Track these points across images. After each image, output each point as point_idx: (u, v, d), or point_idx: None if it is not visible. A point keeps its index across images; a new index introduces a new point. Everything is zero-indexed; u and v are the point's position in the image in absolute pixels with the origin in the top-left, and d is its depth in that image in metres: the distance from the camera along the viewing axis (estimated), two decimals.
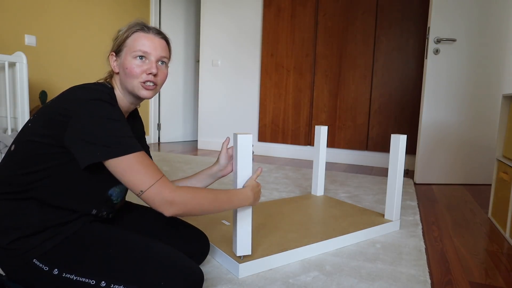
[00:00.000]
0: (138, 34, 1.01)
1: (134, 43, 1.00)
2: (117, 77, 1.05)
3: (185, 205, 0.90)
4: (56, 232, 0.92)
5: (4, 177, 0.92)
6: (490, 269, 1.38)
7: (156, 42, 1.02)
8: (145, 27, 1.03)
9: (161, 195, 0.87)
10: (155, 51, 1.01)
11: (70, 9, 3.51)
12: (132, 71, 0.99)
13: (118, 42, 1.03)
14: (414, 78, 3.40)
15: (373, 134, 3.57)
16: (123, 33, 1.03)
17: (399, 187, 1.70)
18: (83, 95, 0.90)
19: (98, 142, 0.86)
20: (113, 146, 0.86)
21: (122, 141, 0.88)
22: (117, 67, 1.03)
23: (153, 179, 0.87)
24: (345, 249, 1.48)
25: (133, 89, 1.01)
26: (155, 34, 1.03)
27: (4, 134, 2.35)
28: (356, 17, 3.53)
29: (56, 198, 0.93)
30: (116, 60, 1.04)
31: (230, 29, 4.12)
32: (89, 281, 0.88)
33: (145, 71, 1.00)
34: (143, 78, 1.00)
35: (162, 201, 0.87)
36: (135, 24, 1.03)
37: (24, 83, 2.49)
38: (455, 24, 2.75)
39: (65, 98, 0.92)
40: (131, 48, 1.00)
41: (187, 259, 0.96)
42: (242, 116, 4.14)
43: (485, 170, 2.89)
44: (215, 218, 1.64)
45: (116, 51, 1.03)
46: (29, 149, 0.91)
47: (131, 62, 1.00)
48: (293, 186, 2.56)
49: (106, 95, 0.92)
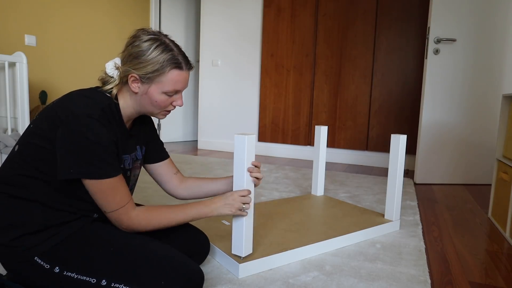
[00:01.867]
0: (175, 73, 0.98)
1: (170, 83, 0.98)
2: (133, 94, 1.01)
3: (140, 229, 0.98)
4: (58, 231, 0.93)
5: (8, 177, 0.93)
6: (490, 269, 1.38)
7: (188, 78, 1.03)
8: (181, 62, 0.99)
9: (119, 221, 0.95)
10: (185, 86, 1.03)
11: (70, 9, 3.51)
12: (161, 104, 1.01)
13: (148, 70, 0.96)
14: (414, 78, 3.40)
15: (373, 134, 3.57)
16: (155, 63, 0.95)
17: (399, 187, 1.70)
18: (77, 108, 0.89)
19: (77, 161, 0.87)
20: (90, 168, 0.88)
21: (99, 165, 0.89)
22: (138, 90, 0.99)
23: (116, 206, 0.93)
24: (345, 249, 1.47)
25: (152, 113, 1.04)
26: (188, 70, 1.02)
27: (4, 134, 2.34)
28: (356, 17, 3.53)
29: (57, 199, 0.93)
30: (138, 82, 0.98)
31: (230, 29, 4.12)
32: (89, 279, 0.89)
33: (171, 103, 1.03)
34: (167, 108, 1.04)
35: (119, 225, 0.96)
36: (172, 58, 0.97)
37: (24, 83, 2.49)
38: (455, 24, 2.75)
39: (61, 104, 0.92)
40: (165, 85, 0.98)
41: (187, 259, 0.97)
42: (242, 116, 4.14)
43: (485, 170, 2.89)
44: (215, 218, 1.65)
45: (142, 77, 0.97)
46: (30, 151, 0.92)
47: (161, 97, 1.00)
48: (293, 186, 2.56)
49: (100, 111, 0.91)
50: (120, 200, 0.93)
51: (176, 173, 1.25)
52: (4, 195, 0.93)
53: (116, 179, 0.92)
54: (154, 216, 0.99)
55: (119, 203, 0.93)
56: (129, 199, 0.96)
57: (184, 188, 1.24)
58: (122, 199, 0.94)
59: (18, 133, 2.45)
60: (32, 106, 3.16)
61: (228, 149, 4.25)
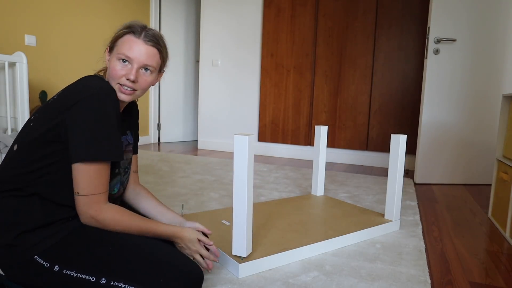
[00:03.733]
0: (128, 37, 1.01)
1: (121, 46, 1.01)
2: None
3: (104, 226, 0.94)
4: (57, 229, 0.94)
5: (8, 176, 0.94)
6: (490, 269, 1.38)
7: (143, 49, 1.00)
8: (138, 30, 1.01)
9: (86, 208, 0.92)
10: (139, 58, 1.00)
11: (70, 9, 3.51)
12: (112, 72, 1.01)
13: (112, 39, 1.04)
14: (414, 78, 3.40)
15: (373, 134, 3.57)
16: (118, 31, 1.04)
17: (399, 187, 1.70)
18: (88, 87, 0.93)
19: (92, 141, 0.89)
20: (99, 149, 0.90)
21: (106, 145, 0.91)
22: (108, 61, 1.05)
23: (92, 191, 0.92)
24: (345, 249, 1.47)
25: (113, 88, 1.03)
26: (145, 41, 1.01)
27: (4, 134, 2.35)
28: (356, 17, 3.53)
29: (57, 194, 0.94)
30: (109, 53, 1.06)
31: (230, 29, 4.12)
32: (89, 277, 0.89)
33: (124, 76, 1.00)
34: (121, 81, 1.01)
35: (84, 212, 0.93)
36: (130, 26, 1.03)
37: (24, 83, 2.49)
38: (455, 24, 2.75)
39: (66, 91, 0.95)
40: (118, 50, 1.01)
41: (187, 259, 0.97)
42: (242, 116, 4.14)
43: (485, 170, 2.89)
44: (215, 218, 1.65)
45: (110, 47, 1.05)
46: (32, 147, 0.92)
47: (115, 63, 1.01)
48: (293, 186, 2.56)
49: (112, 89, 0.96)
50: (99, 185, 0.92)
51: (135, 171, 1.24)
52: (4, 194, 0.94)
53: (106, 165, 0.94)
54: (125, 219, 0.96)
55: (96, 188, 0.92)
56: (105, 190, 0.95)
57: (133, 191, 1.21)
58: (100, 185, 0.93)
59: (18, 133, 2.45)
60: (32, 106, 3.16)
61: (228, 149, 4.25)
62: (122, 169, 1.11)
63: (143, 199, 1.20)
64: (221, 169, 3.07)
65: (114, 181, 1.07)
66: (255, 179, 2.74)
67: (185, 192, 2.26)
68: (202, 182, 2.55)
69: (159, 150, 4.09)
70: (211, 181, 2.59)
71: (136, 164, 1.24)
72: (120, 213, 0.96)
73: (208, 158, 3.59)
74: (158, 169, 2.96)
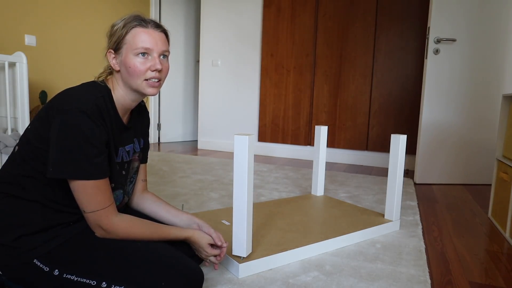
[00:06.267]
0: (137, 30, 0.97)
1: (134, 40, 0.96)
2: (118, 75, 1.01)
3: (118, 237, 0.95)
4: (58, 233, 0.93)
5: (9, 177, 0.93)
6: (490, 269, 1.38)
7: (157, 37, 0.99)
8: (143, 21, 0.99)
9: (98, 223, 0.92)
10: (157, 46, 0.98)
11: (70, 9, 3.50)
12: (136, 69, 0.96)
13: (116, 38, 0.98)
14: (414, 78, 3.40)
15: (373, 134, 3.57)
16: (120, 28, 0.98)
17: (399, 187, 1.70)
18: (68, 104, 0.89)
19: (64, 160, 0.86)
20: (76, 168, 0.87)
21: (85, 166, 0.88)
22: (118, 65, 0.99)
23: (97, 207, 0.91)
24: (345, 249, 1.47)
25: (138, 87, 0.99)
26: (155, 28, 0.99)
27: (4, 134, 2.34)
28: (356, 17, 3.53)
29: (56, 200, 0.93)
30: (115, 58, 0.99)
31: (230, 29, 4.12)
32: (90, 281, 0.88)
33: (149, 68, 0.98)
34: (147, 75, 0.98)
35: (96, 228, 0.93)
36: (133, 19, 0.98)
37: (24, 83, 2.49)
38: (455, 24, 2.75)
39: (53, 102, 0.92)
40: (132, 46, 0.96)
41: (188, 259, 0.96)
42: (242, 116, 4.14)
43: (485, 170, 2.89)
44: (215, 218, 1.64)
45: (114, 48, 0.99)
46: (29, 151, 0.92)
47: (134, 60, 0.96)
48: (293, 186, 2.56)
49: (92, 106, 0.90)
50: (102, 201, 0.91)
51: (144, 180, 1.21)
52: (4, 195, 0.93)
53: (102, 181, 0.91)
54: (137, 229, 0.97)
55: (100, 204, 0.91)
56: (111, 202, 0.94)
57: (141, 197, 1.20)
58: (104, 200, 0.91)
59: (18, 133, 2.45)
60: (32, 106, 3.16)
61: (228, 149, 4.25)
62: (127, 179, 1.10)
63: (153, 204, 1.18)
64: (221, 169, 3.07)
65: (116, 193, 1.04)
66: (255, 179, 2.74)
67: (185, 192, 2.26)
68: (202, 182, 2.55)
69: (159, 150, 4.09)
70: (211, 181, 2.59)
71: (144, 173, 1.21)
72: (131, 224, 0.96)
73: (208, 158, 3.59)
74: (158, 169, 2.96)
